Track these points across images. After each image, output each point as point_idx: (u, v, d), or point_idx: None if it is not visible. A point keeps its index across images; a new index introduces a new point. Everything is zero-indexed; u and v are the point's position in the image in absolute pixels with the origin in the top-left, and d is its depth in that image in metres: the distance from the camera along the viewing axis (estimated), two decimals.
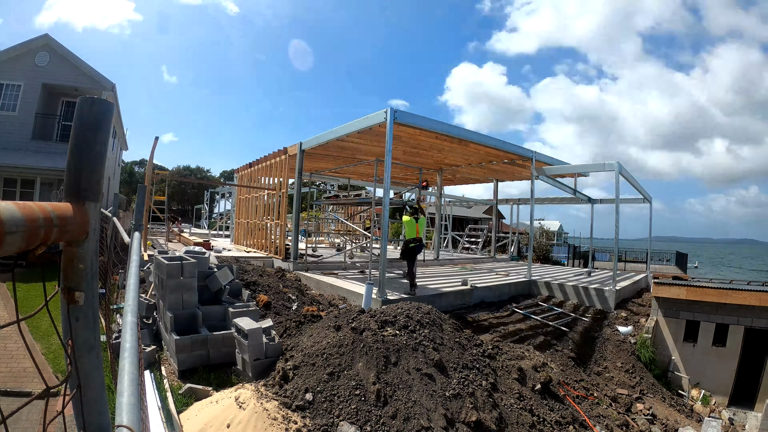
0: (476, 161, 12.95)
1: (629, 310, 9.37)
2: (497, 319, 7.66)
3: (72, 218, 0.61)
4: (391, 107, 7.41)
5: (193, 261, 5.41)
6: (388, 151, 7.32)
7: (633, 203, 14.62)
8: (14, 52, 13.86)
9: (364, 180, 18.05)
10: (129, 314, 1.09)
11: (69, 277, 0.69)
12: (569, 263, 19.83)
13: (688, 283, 9.22)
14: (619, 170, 10.08)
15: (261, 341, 4.54)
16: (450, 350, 4.46)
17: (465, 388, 4.01)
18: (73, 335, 0.71)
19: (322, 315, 6.16)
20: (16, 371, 4.97)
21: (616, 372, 6.90)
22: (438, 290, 8.06)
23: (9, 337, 5.71)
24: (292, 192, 12.23)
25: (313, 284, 8.90)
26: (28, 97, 13.85)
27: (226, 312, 5.37)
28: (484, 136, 9.97)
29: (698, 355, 8.25)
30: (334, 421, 3.45)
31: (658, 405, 6.44)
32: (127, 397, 0.73)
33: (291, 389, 3.79)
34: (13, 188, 13.11)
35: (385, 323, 4.57)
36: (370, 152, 11.71)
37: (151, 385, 3.85)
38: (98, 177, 0.71)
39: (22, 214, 0.45)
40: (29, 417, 3.90)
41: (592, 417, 4.92)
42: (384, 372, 3.94)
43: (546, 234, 27.59)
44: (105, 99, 0.70)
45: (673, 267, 19.91)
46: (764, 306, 7.86)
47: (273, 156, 12.16)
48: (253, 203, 13.97)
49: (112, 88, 14.83)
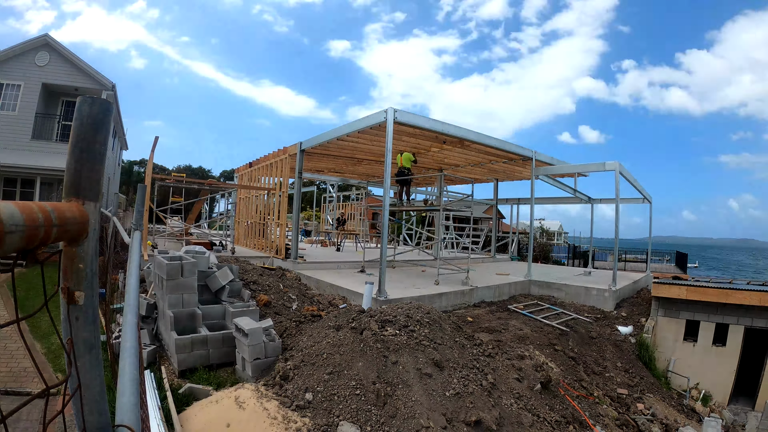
0: (476, 161, 12.95)
1: (629, 309, 9.37)
2: (497, 318, 7.66)
3: (72, 218, 0.61)
4: (391, 107, 7.41)
5: (193, 261, 5.41)
6: (388, 151, 7.32)
7: (633, 203, 14.62)
8: (14, 52, 13.86)
9: (363, 180, 18.05)
10: (129, 314, 1.09)
11: (69, 277, 0.69)
12: (569, 263, 19.83)
13: (688, 282, 9.22)
14: (619, 170, 10.08)
15: (261, 341, 4.54)
16: (450, 350, 4.46)
17: (465, 387, 4.01)
18: (73, 335, 0.71)
19: (322, 315, 6.15)
20: (16, 371, 4.97)
21: (616, 372, 6.89)
22: (438, 290, 8.06)
23: (9, 337, 5.71)
24: (292, 192, 12.24)
25: (313, 284, 8.91)
26: (28, 97, 13.84)
27: (226, 311, 5.37)
28: (484, 135, 9.96)
29: (698, 355, 8.25)
30: (334, 420, 3.45)
31: (658, 405, 6.44)
32: (127, 396, 0.73)
33: (291, 389, 3.79)
34: (13, 188, 13.11)
35: (385, 323, 4.57)
36: (370, 152, 11.71)
37: (151, 385, 3.85)
38: (98, 177, 0.71)
39: (21, 214, 0.45)
40: (29, 417, 3.90)
41: (592, 417, 4.92)
42: (384, 372, 3.94)
43: (546, 234, 27.59)
44: (105, 99, 0.70)
45: (673, 267, 19.92)
46: (764, 306, 7.86)
47: (273, 156, 12.17)
48: (253, 203, 13.97)
49: (112, 87, 14.82)
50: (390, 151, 7.34)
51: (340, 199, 22.44)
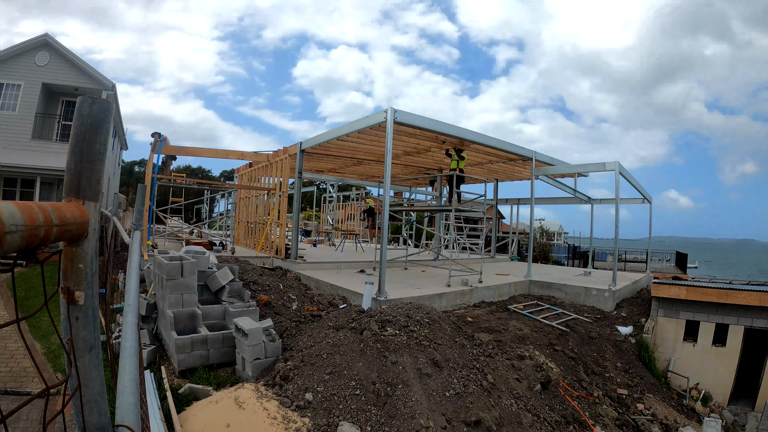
0: (476, 161, 12.95)
1: (629, 309, 9.37)
2: (497, 318, 7.66)
3: (72, 218, 0.61)
4: (392, 107, 7.41)
5: (193, 260, 5.41)
6: (388, 151, 7.32)
7: (633, 203, 14.62)
8: (14, 52, 13.85)
9: (363, 180, 18.05)
10: (129, 314, 1.09)
11: (69, 277, 0.69)
12: (569, 263, 19.83)
13: (688, 283, 9.22)
14: (619, 170, 10.09)
15: (261, 341, 4.54)
16: (450, 350, 4.46)
17: (465, 387, 4.01)
18: (73, 335, 0.71)
19: (322, 315, 6.16)
20: (16, 371, 4.97)
21: (616, 372, 6.89)
22: (438, 290, 8.06)
23: (9, 337, 5.71)
24: (292, 192, 12.24)
25: (313, 284, 8.90)
26: (28, 97, 13.84)
27: (226, 311, 5.37)
28: (484, 135, 9.96)
29: (698, 355, 8.25)
30: (334, 420, 3.45)
31: (658, 405, 6.44)
32: (127, 396, 0.73)
33: (291, 389, 3.79)
34: (13, 188, 13.11)
35: (385, 323, 4.57)
36: (370, 152, 11.71)
37: (151, 385, 3.85)
38: (98, 176, 0.71)
39: (22, 214, 0.45)
40: (29, 416, 3.90)
41: (591, 417, 4.92)
42: (384, 372, 3.94)
43: (546, 234, 27.58)
44: (105, 99, 0.71)
45: (673, 267, 19.93)
46: (764, 306, 7.86)
47: (273, 156, 12.17)
48: (253, 203, 13.97)
49: (112, 87, 14.82)
50: (390, 151, 7.34)
51: (340, 199, 22.44)
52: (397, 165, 14.05)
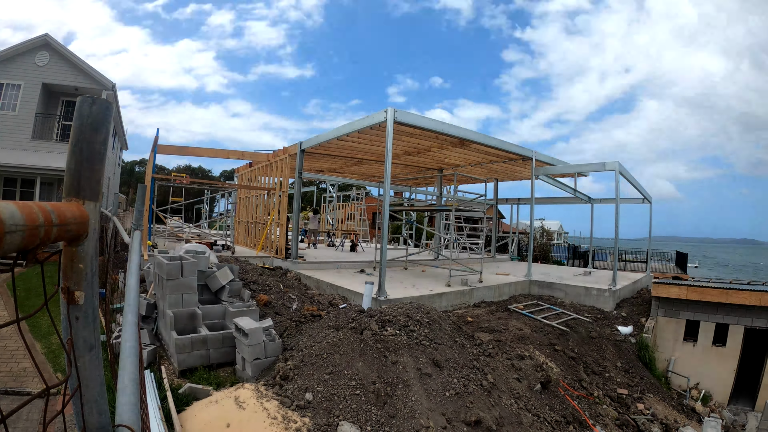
0: (476, 161, 12.96)
1: (629, 309, 9.37)
2: (497, 318, 7.66)
3: (72, 218, 0.61)
4: (391, 107, 7.42)
5: (193, 260, 5.41)
6: (388, 150, 7.33)
7: (633, 203, 14.61)
8: (14, 52, 13.86)
9: (363, 180, 18.05)
10: (129, 314, 1.09)
11: (69, 277, 0.69)
12: (569, 263, 19.83)
13: (688, 283, 9.22)
14: (620, 170, 10.09)
15: (261, 341, 4.54)
16: (450, 350, 4.46)
17: (465, 387, 4.01)
18: (73, 335, 0.71)
19: (322, 315, 6.16)
20: (16, 371, 4.97)
21: (616, 372, 6.90)
22: (438, 290, 8.06)
23: (9, 337, 5.71)
24: (292, 192, 12.25)
25: (313, 284, 8.91)
26: (28, 97, 13.85)
27: (226, 311, 5.37)
28: (484, 135, 9.97)
29: (698, 355, 8.25)
30: (334, 420, 3.45)
31: (658, 405, 6.44)
32: (127, 396, 0.73)
33: (291, 389, 3.79)
34: (13, 188, 13.11)
35: (385, 323, 4.58)
36: (370, 152, 11.72)
37: (151, 385, 3.85)
38: (98, 176, 0.71)
39: (22, 214, 0.45)
40: (29, 416, 3.90)
41: (592, 417, 4.92)
42: (384, 371, 3.94)
43: (546, 234, 27.58)
44: (105, 99, 0.71)
45: (673, 267, 19.93)
46: (764, 306, 7.86)
47: (273, 156, 12.17)
48: (253, 203, 13.97)
49: (112, 87, 14.83)
50: (390, 151, 7.34)
51: (340, 199, 22.44)
52: (397, 165, 14.05)
